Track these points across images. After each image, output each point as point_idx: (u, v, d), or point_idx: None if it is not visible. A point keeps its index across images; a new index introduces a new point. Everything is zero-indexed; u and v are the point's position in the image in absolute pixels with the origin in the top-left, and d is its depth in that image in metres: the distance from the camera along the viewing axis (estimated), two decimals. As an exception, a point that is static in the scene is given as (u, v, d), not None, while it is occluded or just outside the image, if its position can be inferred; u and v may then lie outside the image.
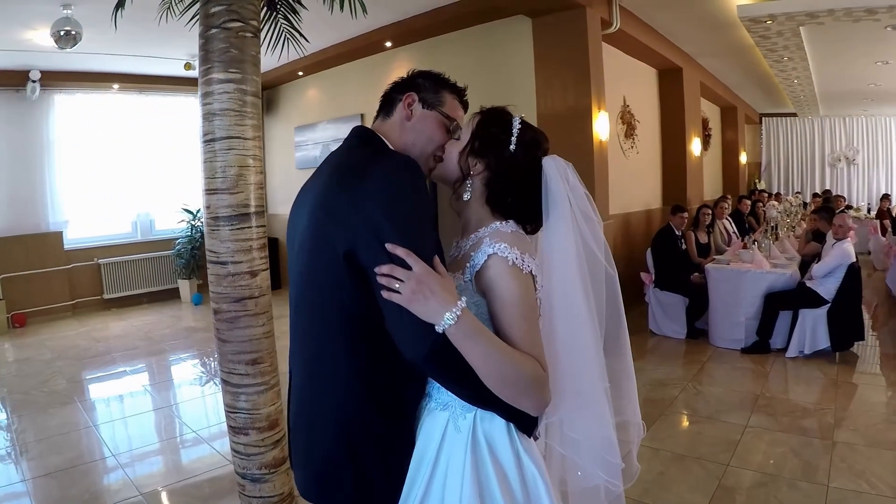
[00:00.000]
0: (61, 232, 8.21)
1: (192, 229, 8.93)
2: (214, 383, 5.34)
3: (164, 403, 4.95)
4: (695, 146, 8.74)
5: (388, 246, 1.15)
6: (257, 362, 2.69)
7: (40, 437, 4.18)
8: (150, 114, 8.93)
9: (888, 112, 13.56)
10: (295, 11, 3.60)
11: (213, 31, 2.76)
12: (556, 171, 1.46)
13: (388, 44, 7.04)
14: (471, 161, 1.45)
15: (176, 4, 3.25)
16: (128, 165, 8.78)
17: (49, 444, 4.07)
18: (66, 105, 8.15)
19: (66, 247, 8.27)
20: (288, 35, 3.80)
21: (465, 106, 1.55)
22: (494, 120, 1.50)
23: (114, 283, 8.69)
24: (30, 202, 7.89)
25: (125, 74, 8.14)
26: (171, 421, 4.60)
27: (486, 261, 1.30)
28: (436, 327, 1.13)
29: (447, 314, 1.12)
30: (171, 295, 9.07)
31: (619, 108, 7.12)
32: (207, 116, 2.89)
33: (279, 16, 3.61)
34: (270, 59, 4.94)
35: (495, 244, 1.30)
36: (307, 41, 3.77)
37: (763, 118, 15.10)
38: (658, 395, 4.68)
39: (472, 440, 1.28)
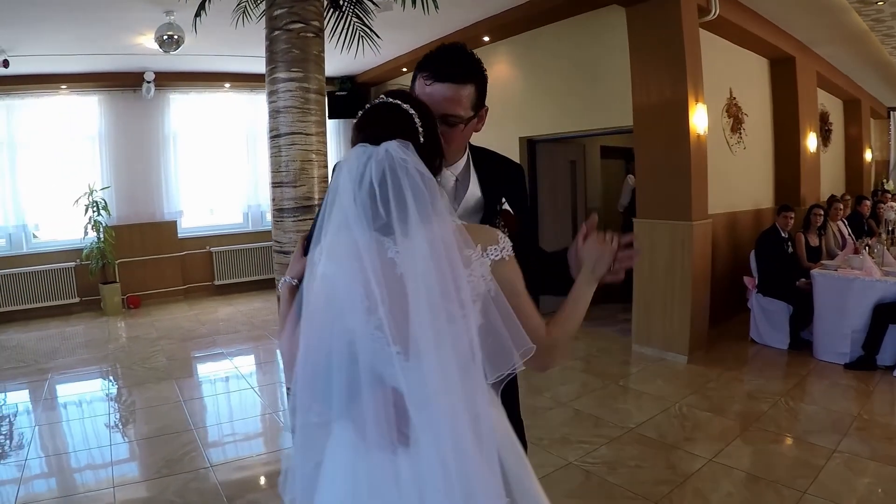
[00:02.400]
0: (176, 221, 8.82)
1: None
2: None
3: (250, 385, 5.23)
4: (811, 142, 8.09)
5: None
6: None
7: (133, 409, 4.62)
8: (260, 110, 9.32)
9: None
10: (366, 11, 3.67)
11: (277, 32, 2.88)
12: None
13: (486, 38, 7.03)
14: None
15: (252, 10, 3.42)
16: (239, 160, 9.26)
17: (141, 414, 4.50)
18: (180, 103, 8.71)
19: (180, 235, 8.87)
20: (362, 34, 3.88)
21: (435, 77, 1.44)
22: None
23: (225, 270, 9.21)
24: (147, 193, 8.51)
25: (235, 74, 8.56)
26: (255, 403, 4.86)
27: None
28: None
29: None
30: (280, 284, 9.50)
31: (725, 101, 6.71)
32: (273, 114, 3.03)
33: (351, 16, 3.70)
34: (373, 57, 5.14)
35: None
36: (379, 37, 3.83)
37: (891, 112, 13.73)
38: (746, 409, 4.40)
39: None
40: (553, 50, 6.59)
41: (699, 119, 5.45)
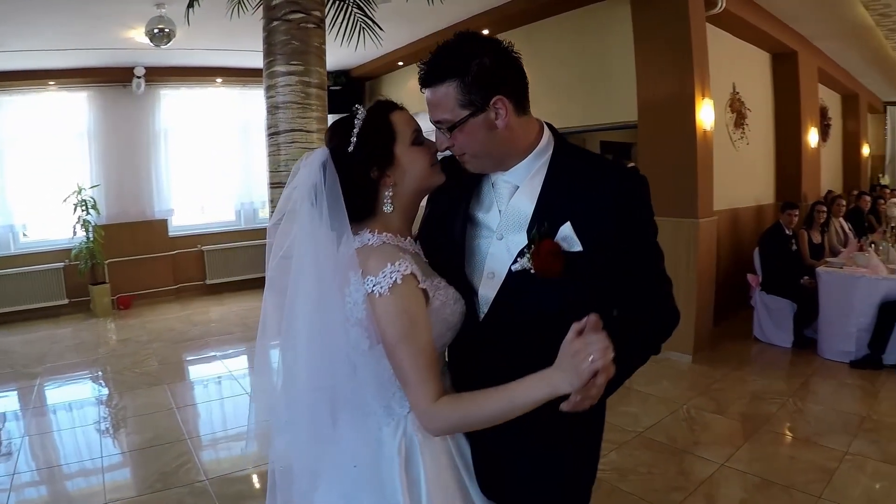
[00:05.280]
0: (166, 220, 8.63)
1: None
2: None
3: (245, 390, 5.08)
4: (811, 137, 8.02)
5: None
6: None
7: (124, 417, 4.44)
8: (252, 106, 9.15)
9: None
10: (368, 1, 3.54)
11: (275, 23, 2.75)
12: None
13: (486, 31, 6.89)
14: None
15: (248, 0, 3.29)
16: (231, 156, 9.07)
17: (132, 423, 4.32)
18: (170, 99, 8.52)
19: (170, 234, 8.69)
20: (363, 26, 3.75)
21: (421, 83, 1.34)
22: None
23: (217, 269, 9.01)
24: (137, 191, 8.31)
25: (226, 68, 8.39)
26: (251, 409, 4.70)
27: None
28: None
29: None
30: (273, 282, 9.34)
31: (728, 96, 6.62)
32: (271, 109, 2.90)
33: (352, 7, 3.56)
34: (373, 48, 5.02)
35: None
36: (382, 30, 3.70)
37: (888, 107, 13.72)
38: (754, 410, 4.33)
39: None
40: (555, 43, 6.46)
41: (706, 114, 5.36)
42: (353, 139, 1.33)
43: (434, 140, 1.39)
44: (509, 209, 1.35)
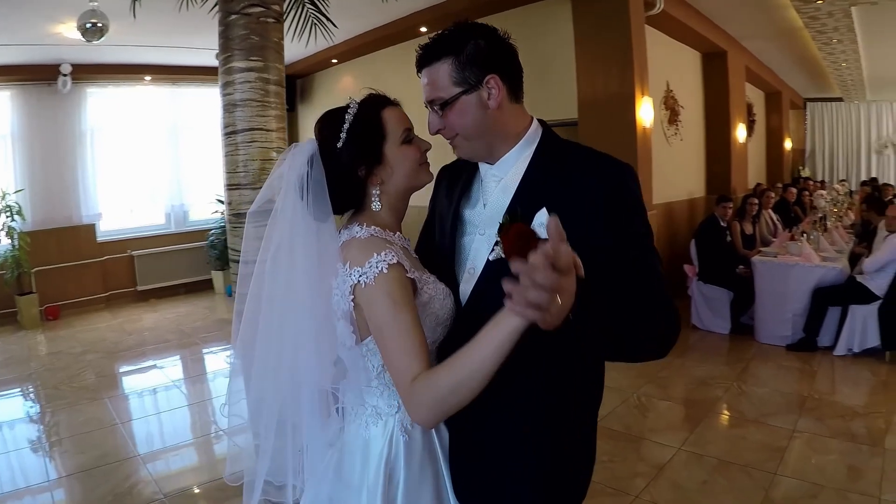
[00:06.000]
0: (94, 224, 8.22)
1: (226, 220, 8.88)
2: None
3: (193, 400, 4.89)
4: (740, 133, 8.42)
5: None
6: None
7: (66, 435, 4.14)
8: (183, 105, 8.90)
9: (939, 97, 12.94)
10: (321, -5, 3.47)
11: (233, 16, 2.64)
12: None
13: (423, 29, 6.87)
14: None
15: (199, -8, 3.15)
16: (161, 157, 8.77)
17: (75, 442, 4.03)
18: (97, 98, 8.14)
19: (99, 239, 8.27)
20: (315, 21, 3.67)
21: (417, 70, 1.34)
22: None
23: (148, 274, 8.65)
24: (63, 195, 7.88)
25: (157, 66, 8.09)
26: (200, 418, 4.53)
27: None
28: None
29: None
30: (205, 286, 9.03)
31: (663, 93, 6.85)
32: (228, 107, 2.79)
33: (305, 2, 3.48)
34: (302, 47, 4.87)
35: None
36: (335, 27, 3.63)
37: (808, 103, 14.57)
38: (701, 396, 4.50)
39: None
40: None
41: (645, 112, 5.52)
42: (343, 134, 1.31)
43: (424, 139, 1.39)
44: (491, 203, 1.33)
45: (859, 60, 8.84)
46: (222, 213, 8.85)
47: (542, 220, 1.17)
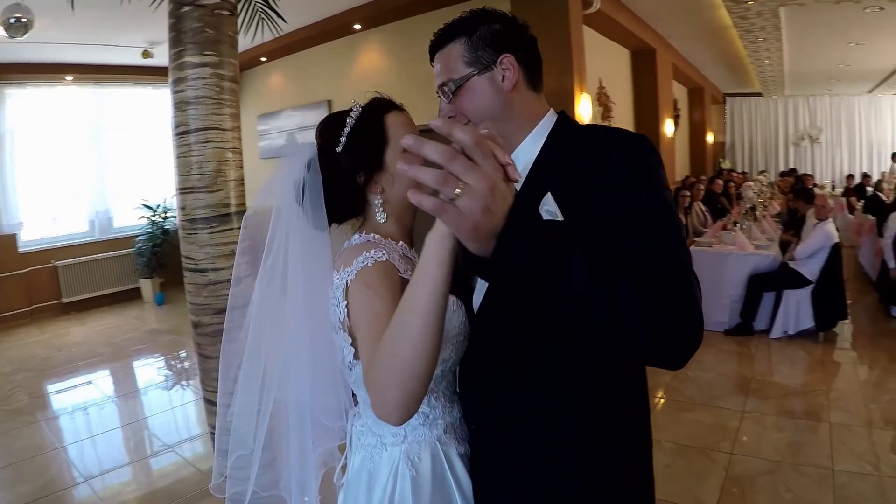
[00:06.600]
0: (15, 234, 7.72)
1: (152, 226, 8.51)
2: (186, 390, 5.07)
3: (134, 417, 4.62)
4: (668, 127, 8.73)
5: None
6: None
7: (5, 464, 3.82)
8: (106, 106, 8.50)
9: (852, 91, 13.78)
10: (270, -13, 3.35)
11: (186, 8, 2.51)
12: None
13: (358, 26, 6.77)
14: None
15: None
16: (84, 161, 8.35)
17: (15, 470, 3.72)
18: (16, 100, 7.66)
19: (20, 250, 7.78)
20: (262, 15, 3.55)
21: (431, 59, 1.31)
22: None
23: (72, 285, 8.19)
24: (-20, 204, 7.38)
25: (79, 65, 7.69)
26: (143, 436, 4.29)
27: None
28: None
29: None
30: (133, 295, 8.63)
31: (596, 90, 7.01)
32: (180, 105, 2.64)
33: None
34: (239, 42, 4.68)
35: None
36: (285, 21, 3.52)
37: (727, 98, 15.23)
38: (650, 383, 4.55)
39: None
40: (428, 40, 6.45)
41: (584, 109, 5.63)
42: (343, 139, 1.26)
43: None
44: None
45: (782, 57, 9.28)
46: (149, 219, 8.49)
47: (547, 207, 1.09)
